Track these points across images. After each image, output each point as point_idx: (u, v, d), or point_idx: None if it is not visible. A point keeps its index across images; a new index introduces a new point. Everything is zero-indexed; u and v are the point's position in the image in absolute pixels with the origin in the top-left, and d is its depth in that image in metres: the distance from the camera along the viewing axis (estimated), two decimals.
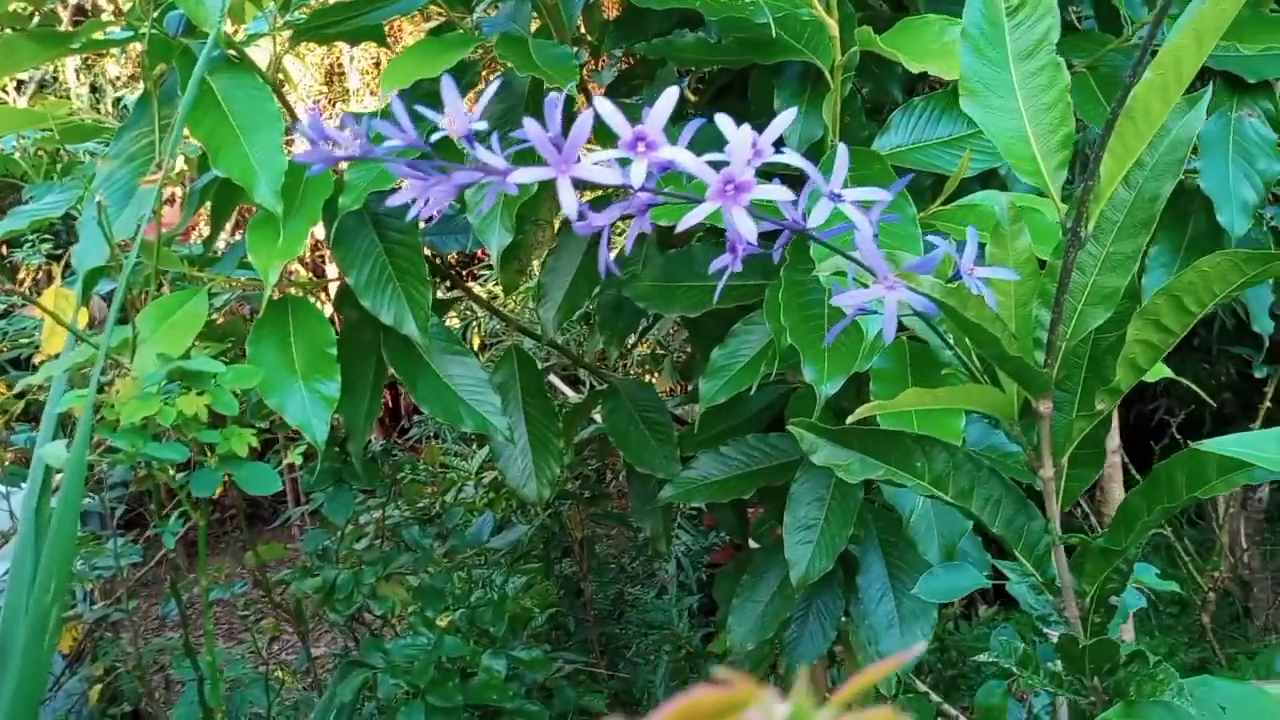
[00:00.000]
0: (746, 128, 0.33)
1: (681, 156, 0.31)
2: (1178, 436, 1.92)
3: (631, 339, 1.23)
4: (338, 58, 3.96)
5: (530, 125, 0.30)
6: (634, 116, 0.87)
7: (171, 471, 0.79)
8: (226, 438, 0.70)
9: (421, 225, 0.97)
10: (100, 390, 0.74)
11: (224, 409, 0.69)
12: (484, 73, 1.00)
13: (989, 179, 0.89)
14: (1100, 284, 0.39)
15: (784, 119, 0.33)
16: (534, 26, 1.02)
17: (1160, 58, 0.34)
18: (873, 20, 0.90)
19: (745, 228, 0.32)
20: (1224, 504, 2.15)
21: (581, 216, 0.32)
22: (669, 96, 0.32)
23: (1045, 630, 0.55)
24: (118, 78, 3.77)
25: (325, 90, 3.94)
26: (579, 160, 0.31)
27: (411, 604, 1.16)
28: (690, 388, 1.60)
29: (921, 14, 0.79)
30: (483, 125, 0.30)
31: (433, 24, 1.36)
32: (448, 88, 0.30)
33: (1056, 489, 0.43)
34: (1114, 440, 1.28)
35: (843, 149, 0.35)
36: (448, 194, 0.31)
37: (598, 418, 1.45)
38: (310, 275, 2.45)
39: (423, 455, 1.56)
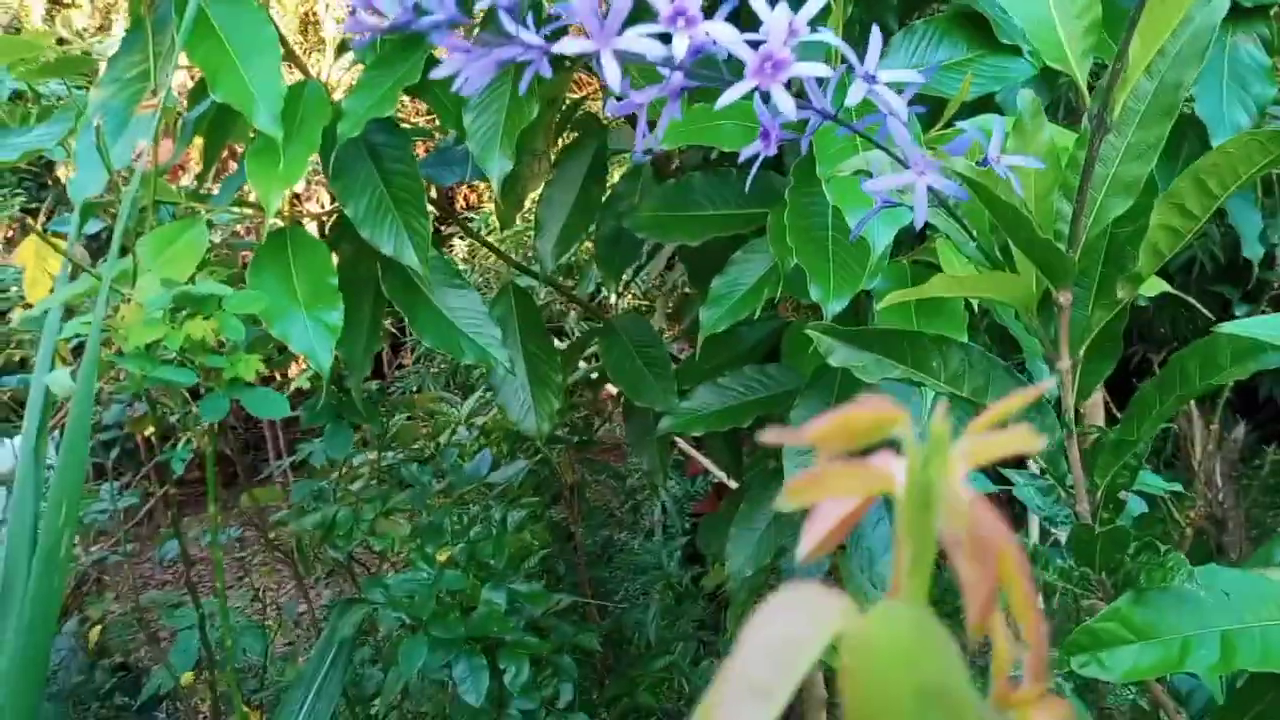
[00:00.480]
0: (783, 5, 0.33)
1: (720, 30, 0.31)
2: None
3: (627, 275, 1.23)
4: (312, 6, 3.89)
5: None
6: None
7: (174, 405, 0.78)
8: (233, 363, 0.70)
9: (419, 156, 0.96)
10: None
11: (231, 334, 0.69)
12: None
13: (987, 104, 0.89)
14: (1121, 174, 0.40)
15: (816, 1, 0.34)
16: None
17: None
18: None
19: (785, 104, 0.32)
20: (1200, 445, 2.20)
21: (623, 95, 0.32)
22: None
23: (1053, 531, 0.56)
24: (85, 29, 3.69)
25: (301, 40, 3.88)
26: (620, 34, 0.31)
27: (410, 542, 1.16)
28: (682, 329, 1.61)
29: None
30: None
31: None
32: None
33: (1073, 382, 0.44)
34: None
35: (876, 32, 0.36)
36: (487, 70, 0.31)
37: (582, 365, 1.46)
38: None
39: (417, 400, 1.57)
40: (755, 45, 0.33)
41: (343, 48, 0.99)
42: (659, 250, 1.20)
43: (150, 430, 1.18)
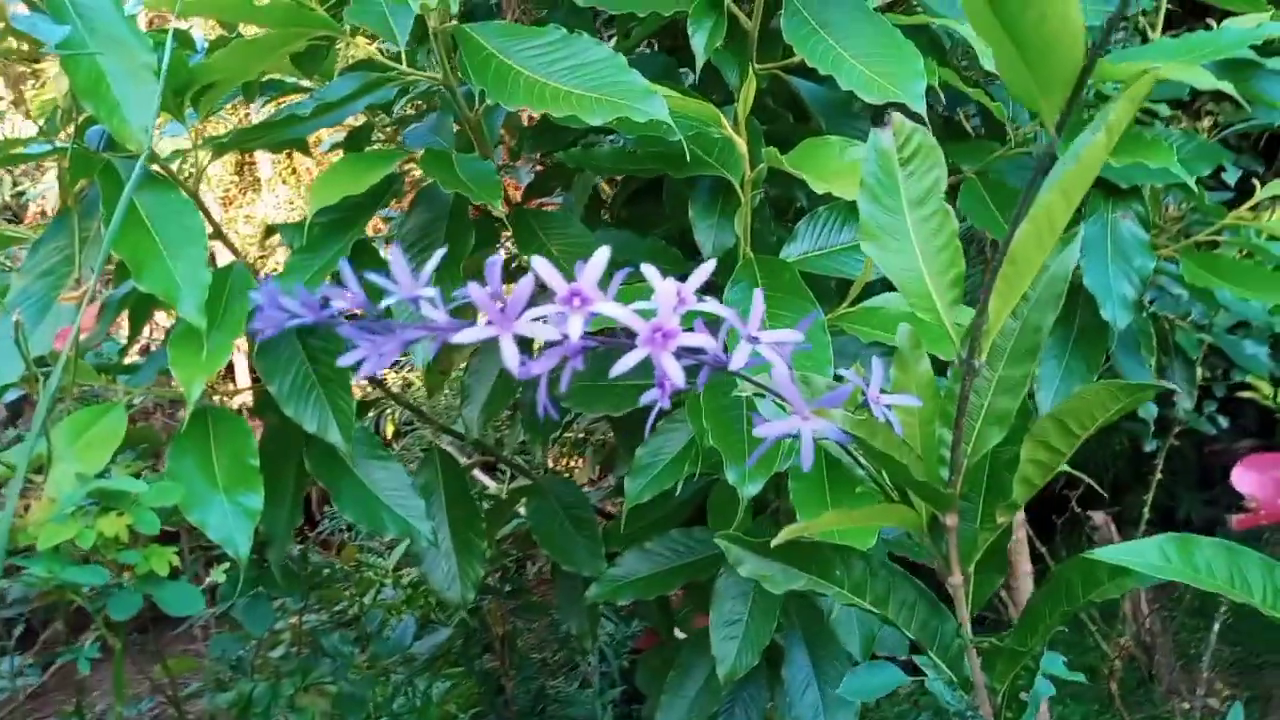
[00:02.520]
0: (671, 280, 0.35)
1: (613, 310, 0.34)
2: (1077, 509, 2.01)
3: (555, 433, 1.25)
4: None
5: (474, 289, 0.32)
6: (560, 224, 0.88)
7: (85, 591, 0.76)
8: (146, 557, 0.69)
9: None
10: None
11: (145, 528, 0.68)
12: (408, 182, 1.03)
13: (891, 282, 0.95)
14: (995, 406, 0.43)
15: (703, 271, 0.36)
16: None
17: (1035, 211, 0.38)
18: (778, 130, 0.96)
19: (673, 372, 0.34)
20: None
21: (522, 363, 0.34)
22: (600, 257, 0.34)
23: None
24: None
25: (236, 180, 3.91)
26: (519, 317, 0.33)
27: (332, 714, 1.13)
28: (612, 478, 1.61)
29: (823, 132, 0.85)
30: (431, 292, 0.32)
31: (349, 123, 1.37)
32: (396, 259, 0.32)
33: (966, 594, 0.46)
34: (1019, 514, 1.34)
35: (758, 295, 0.39)
36: (395, 350, 0.33)
37: (519, 510, 1.45)
38: (220, 375, 2.40)
39: (340, 555, 1.53)
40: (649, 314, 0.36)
41: (270, 231, 1.01)
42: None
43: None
